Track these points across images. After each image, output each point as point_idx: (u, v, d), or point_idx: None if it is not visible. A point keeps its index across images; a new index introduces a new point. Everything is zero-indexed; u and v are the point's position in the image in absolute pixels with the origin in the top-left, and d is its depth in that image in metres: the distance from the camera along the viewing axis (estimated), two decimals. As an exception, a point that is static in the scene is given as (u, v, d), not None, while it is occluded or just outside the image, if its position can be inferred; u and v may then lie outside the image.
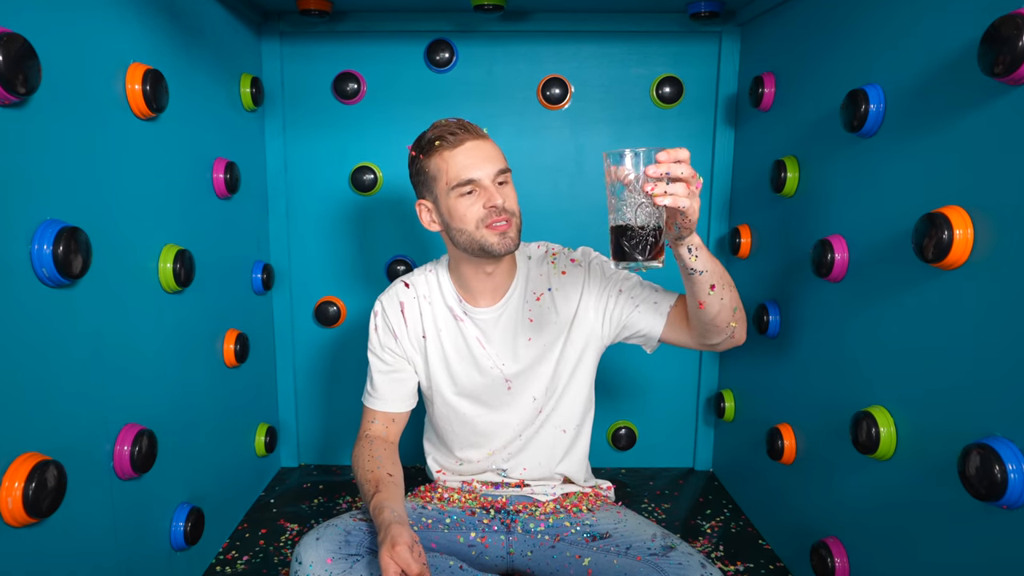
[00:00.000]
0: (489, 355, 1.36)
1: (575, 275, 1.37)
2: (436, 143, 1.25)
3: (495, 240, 1.24)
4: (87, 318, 1.06)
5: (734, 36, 1.87)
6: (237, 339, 1.63)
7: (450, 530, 1.31)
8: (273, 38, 1.87)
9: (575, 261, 1.38)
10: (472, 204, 1.24)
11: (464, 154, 1.23)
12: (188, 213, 1.42)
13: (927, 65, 1.06)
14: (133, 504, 1.20)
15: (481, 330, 1.36)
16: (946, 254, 0.97)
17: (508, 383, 1.37)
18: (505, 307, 1.35)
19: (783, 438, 1.52)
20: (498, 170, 1.24)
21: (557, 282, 1.37)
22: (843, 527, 1.30)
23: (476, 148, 1.23)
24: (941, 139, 1.03)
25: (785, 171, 1.52)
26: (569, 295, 1.36)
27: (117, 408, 1.15)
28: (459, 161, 1.23)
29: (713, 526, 1.73)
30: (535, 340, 1.36)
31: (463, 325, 1.36)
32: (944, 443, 1.01)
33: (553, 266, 1.38)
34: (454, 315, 1.36)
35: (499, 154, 1.27)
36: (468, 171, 1.23)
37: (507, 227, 1.24)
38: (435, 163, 1.26)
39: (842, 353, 1.32)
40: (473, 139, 1.24)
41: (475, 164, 1.23)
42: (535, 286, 1.37)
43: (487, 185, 1.23)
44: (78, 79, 1.03)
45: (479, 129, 1.26)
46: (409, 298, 1.38)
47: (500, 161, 1.25)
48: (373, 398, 1.39)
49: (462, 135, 1.23)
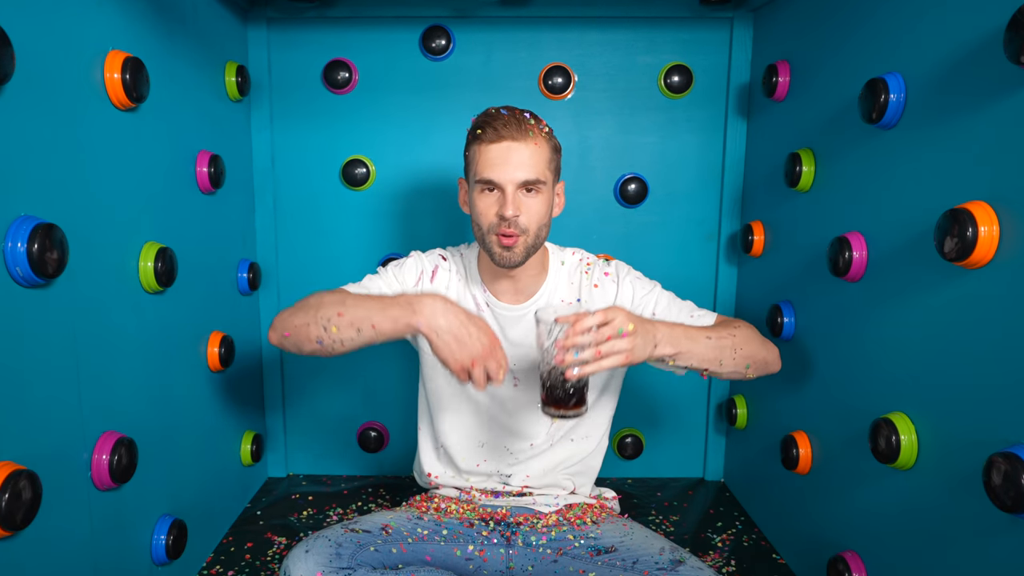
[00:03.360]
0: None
1: (606, 290, 1.41)
2: (478, 131, 1.27)
3: (498, 251, 1.28)
4: (63, 319, 1.06)
5: (746, 22, 1.87)
6: (222, 342, 1.63)
7: (447, 542, 1.32)
8: (260, 24, 1.87)
9: (608, 275, 1.42)
10: (490, 205, 1.27)
11: (496, 153, 1.25)
12: (170, 209, 1.42)
13: (950, 53, 1.06)
14: (112, 516, 1.19)
15: (500, 325, 1.39)
16: (970, 252, 0.97)
17: (516, 380, 1.39)
18: (531, 309, 1.38)
19: (798, 446, 1.52)
20: (526, 179, 1.25)
21: (587, 294, 1.40)
22: (861, 540, 1.30)
23: (510, 151, 1.24)
24: (965, 131, 1.03)
25: (800, 165, 1.52)
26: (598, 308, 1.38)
27: (95, 415, 1.15)
28: (489, 158, 1.25)
29: (724, 539, 1.73)
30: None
31: (483, 315, 1.39)
32: (968, 452, 1.01)
33: (586, 276, 1.42)
34: (476, 303, 1.40)
35: (536, 162, 1.26)
36: (492, 171, 1.25)
37: (511, 242, 1.26)
38: (473, 150, 1.29)
39: (860, 357, 1.32)
40: (512, 141, 1.24)
41: (502, 167, 1.24)
42: (564, 293, 1.40)
43: (508, 192, 1.25)
44: (54, 67, 1.03)
45: (530, 128, 1.25)
46: (444, 268, 1.42)
47: (532, 171, 1.25)
48: (356, 286, 1.36)
49: (503, 133, 1.24)
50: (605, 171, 1.96)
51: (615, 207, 1.97)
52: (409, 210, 1.96)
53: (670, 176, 1.96)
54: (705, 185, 1.96)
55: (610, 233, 1.98)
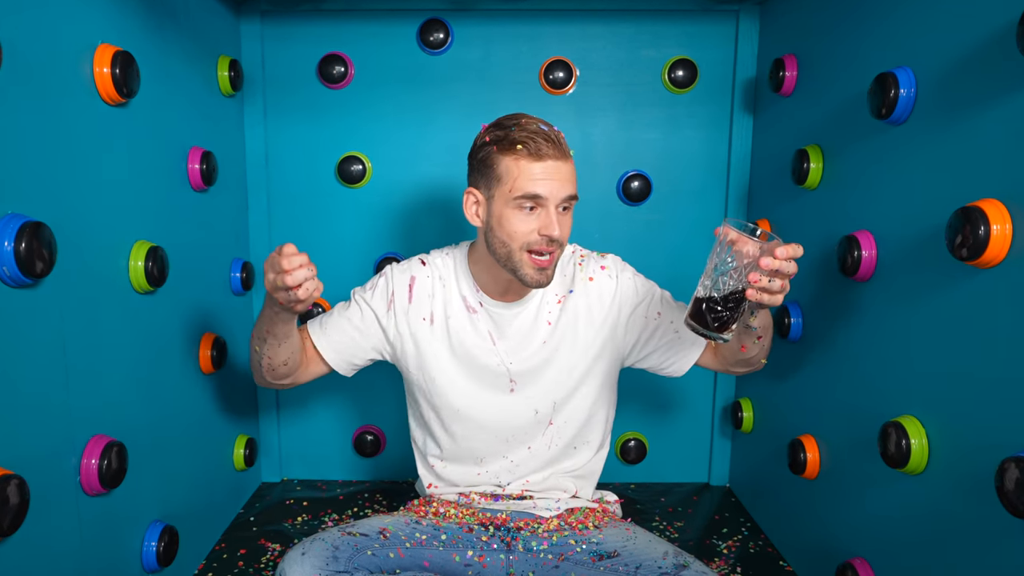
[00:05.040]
0: (498, 351, 1.38)
1: (604, 285, 1.40)
2: (518, 146, 1.23)
3: (530, 272, 1.27)
4: (51, 320, 1.06)
5: (753, 15, 1.87)
6: (214, 344, 1.63)
7: (446, 548, 1.32)
8: (253, 17, 1.87)
9: (605, 268, 1.41)
10: (527, 223, 1.25)
11: (542, 171, 1.23)
12: (161, 207, 1.42)
13: (961, 47, 1.06)
14: (102, 522, 1.19)
15: (495, 323, 1.38)
16: (982, 251, 0.97)
17: (512, 383, 1.38)
18: (524, 306, 1.38)
19: (806, 451, 1.52)
20: (568, 196, 1.25)
21: (582, 287, 1.39)
22: (870, 547, 1.30)
23: (556, 169, 1.23)
24: (977, 126, 1.03)
25: (808, 161, 1.52)
26: (592, 304, 1.39)
27: (84, 418, 1.15)
28: (534, 174, 1.23)
29: (730, 546, 1.73)
30: (549, 343, 1.38)
31: (475, 317, 1.38)
32: (980, 456, 1.01)
33: (580, 268, 1.41)
34: (467, 305, 1.38)
35: (573, 178, 1.27)
36: (539, 188, 1.23)
37: (548, 263, 1.27)
38: (507, 164, 1.25)
39: (869, 358, 1.32)
40: (556, 160, 1.23)
41: (549, 185, 1.23)
42: (557, 288, 1.40)
43: (551, 211, 1.24)
44: (41, 62, 1.03)
45: (564, 145, 1.26)
46: (423, 276, 1.40)
47: (572, 187, 1.26)
48: (316, 327, 1.41)
49: (547, 150, 1.23)
50: (607, 168, 1.96)
51: (617, 205, 1.98)
52: (407, 208, 1.96)
53: (674, 173, 1.96)
54: (710, 182, 1.96)
55: (612, 232, 1.98)
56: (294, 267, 1.13)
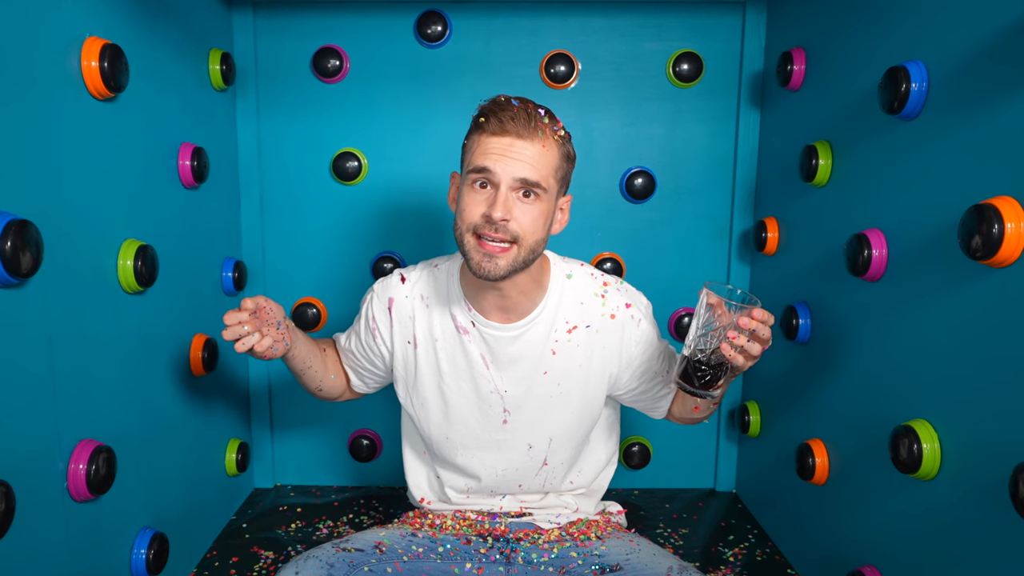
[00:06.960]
0: (491, 378, 1.33)
1: (627, 329, 1.33)
2: (481, 120, 1.18)
3: (475, 257, 1.17)
4: (37, 321, 1.06)
5: (760, 7, 1.87)
6: (205, 345, 1.63)
7: (443, 560, 1.31)
8: (246, 10, 1.87)
9: (630, 308, 1.33)
10: (477, 202, 1.17)
11: (497, 145, 1.15)
12: (150, 204, 1.42)
13: (975, 40, 1.06)
14: (89, 529, 1.19)
15: (489, 347, 1.31)
16: (996, 250, 0.97)
17: (506, 414, 1.35)
18: (526, 329, 1.30)
19: (814, 455, 1.52)
20: (523, 178, 1.15)
21: (601, 324, 1.32)
22: (881, 554, 1.30)
23: (512, 146, 1.15)
24: (991, 122, 1.03)
25: (816, 158, 1.52)
26: (609, 343, 1.32)
27: (71, 422, 1.15)
28: (489, 147, 1.16)
29: (736, 553, 1.73)
30: (551, 375, 1.32)
31: (467, 339, 1.31)
32: (994, 461, 1.01)
33: (602, 301, 1.32)
34: (457, 325, 1.31)
35: (541, 164, 1.16)
36: (488, 161, 1.15)
37: (495, 250, 1.16)
38: (472, 138, 1.21)
39: (880, 361, 1.32)
40: (518, 137, 1.15)
41: (501, 161, 1.15)
42: (569, 314, 1.31)
43: (501, 189, 1.15)
44: (27, 55, 1.03)
45: (541, 127, 1.17)
46: (401, 296, 1.35)
47: (534, 171, 1.15)
48: (343, 347, 1.48)
49: (510, 126, 1.15)
50: (610, 164, 1.96)
51: (621, 202, 1.97)
52: (404, 206, 1.96)
53: (679, 170, 1.96)
54: (716, 179, 1.96)
55: (615, 230, 1.98)
56: (232, 323, 1.19)
